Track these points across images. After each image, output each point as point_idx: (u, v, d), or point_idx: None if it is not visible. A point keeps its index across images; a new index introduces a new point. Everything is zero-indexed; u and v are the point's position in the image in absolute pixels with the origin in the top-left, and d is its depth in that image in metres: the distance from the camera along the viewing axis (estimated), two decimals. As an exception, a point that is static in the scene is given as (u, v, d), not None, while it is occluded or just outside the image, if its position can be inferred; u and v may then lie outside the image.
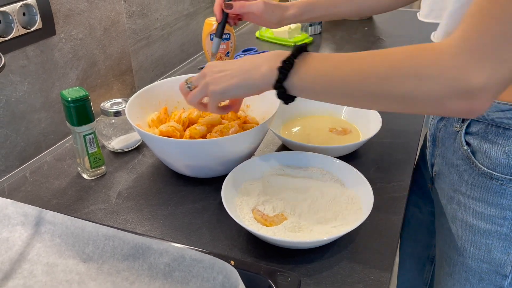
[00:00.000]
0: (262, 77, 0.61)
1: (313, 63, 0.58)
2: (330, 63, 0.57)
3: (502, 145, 0.62)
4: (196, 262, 0.51)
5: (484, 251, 0.68)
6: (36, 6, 0.79)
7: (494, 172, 0.64)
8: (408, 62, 0.50)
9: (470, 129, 0.67)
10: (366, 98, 0.55)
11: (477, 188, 0.67)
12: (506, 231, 0.65)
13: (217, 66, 0.67)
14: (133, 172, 0.82)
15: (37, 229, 0.58)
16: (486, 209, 0.66)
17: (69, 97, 0.72)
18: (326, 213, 0.67)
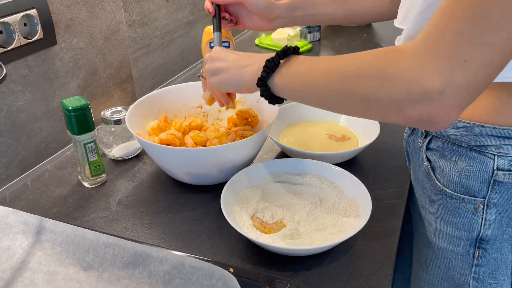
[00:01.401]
0: (251, 76, 0.62)
1: (295, 63, 0.58)
2: (306, 64, 0.57)
3: (456, 162, 0.62)
4: (195, 270, 0.52)
5: (443, 269, 0.67)
6: (37, 17, 0.80)
7: (448, 190, 0.63)
8: (372, 63, 0.49)
9: (431, 145, 0.66)
10: (331, 98, 0.54)
11: (436, 205, 0.67)
12: (461, 251, 0.64)
13: (218, 53, 0.68)
14: (133, 180, 0.82)
15: (38, 238, 0.59)
16: (443, 227, 0.66)
17: (70, 106, 0.72)
18: (324, 220, 0.67)
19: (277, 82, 0.59)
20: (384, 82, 0.47)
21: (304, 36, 1.50)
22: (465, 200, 0.62)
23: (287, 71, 0.58)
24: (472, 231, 0.63)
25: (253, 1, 0.80)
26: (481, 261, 0.63)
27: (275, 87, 0.60)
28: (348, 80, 0.51)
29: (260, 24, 0.84)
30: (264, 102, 0.86)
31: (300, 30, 1.48)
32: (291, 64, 0.58)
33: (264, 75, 0.59)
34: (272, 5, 0.81)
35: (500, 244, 0.62)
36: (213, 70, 0.67)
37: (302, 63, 0.58)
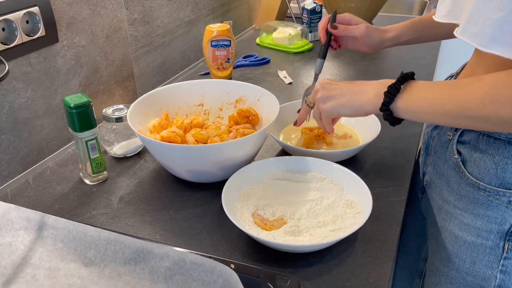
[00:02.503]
0: (369, 101, 0.66)
1: (417, 89, 0.62)
2: (431, 90, 0.60)
3: (492, 155, 0.63)
4: (196, 266, 0.52)
5: (469, 263, 0.68)
6: (39, 14, 0.80)
7: (482, 183, 0.64)
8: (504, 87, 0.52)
9: (463, 138, 0.67)
10: (465, 121, 0.58)
11: (464, 199, 0.67)
12: (491, 244, 0.65)
13: (330, 83, 0.73)
14: (134, 177, 0.83)
15: (39, 234, 0.59)
16: (472, 220, 0.66)
17: (72, 103, 0.73)
18: (325, 217, 0.67)
19: (401, 106, 0.63)
20: None
21: (305, 35, 1.50)
22: (499, 193, 0.63)
23: (410, 96, 0.62)
24: (504, 224, 0.63)
25: (369, 38, 0.90)
26: (510, 254, 0.64)
27: (398, 111, 0.63)
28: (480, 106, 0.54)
29: (364, 49, 0.93)
30: (265, 101, 0.87)
31: (301, 30, 1.48)
32: (413, 89, 0.62)
33: (388, 100, 0.63)
34: (382, 39, 0.91)
35: None
36: (326, 97, 0.72)
37: (425, 88, 0.61)
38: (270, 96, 0.85)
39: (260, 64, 1.36)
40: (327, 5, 1.68)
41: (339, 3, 1.63)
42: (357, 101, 0.68)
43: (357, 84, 0.70)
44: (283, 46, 1.47)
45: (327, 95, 0.72)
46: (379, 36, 0.90)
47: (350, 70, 1.30)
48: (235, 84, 0.92)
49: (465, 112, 0.56)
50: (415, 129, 0.96)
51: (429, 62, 1.33)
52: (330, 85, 0.72)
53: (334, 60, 1.38)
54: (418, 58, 1.35)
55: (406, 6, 2.27)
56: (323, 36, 0.90)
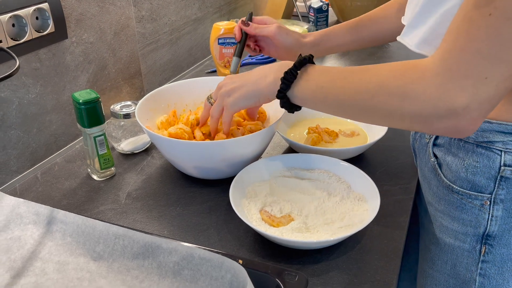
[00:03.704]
0: (268, 87, 0.64)
1: (313, 75, 0.60)
2: (327, 77, 0.59)
3: (462, 158, 0.62)
4: (204, 261, 0.52)
5: (450, 265, 0.68)
6: (49, 10, 0.81)
7: (455, 186, 0.64)
8: (393, 81, 0.52)
9: (438, 141, 0.67)
10: (357, 112, 0.57)
11: (442, 201, 0.67)
12: (468, 247, 0.65)
13: (232, 78, 0.70)
14: (142, 174, 0.83)
15: (48, 228, 0.59)
16: (450, 223, 0.66)
17: (80, 99, 0.73)
18: (333, 214, 0.67)
19: (298, 94, 0.61)
20: (408, 100, 0.50)
21: (312, 33, 1.49)
22: (471, 196, 0.62)
23: (306, 83, 0.60)
24: (479, 227, 0.63)
25: (280, 38, 0.84)
26: (487, 258, 0.63)
27: (295, 98, 0.62)
28: (371, 97, 0.53)
29: (284, 56, 0.88)
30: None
31: (308, 28, 1.48)
32: (310, 75, 0.60)
33: (284, 87, 0.61)
34: (299, 43, 0.86)
35: (507, 240, 0.62)
36: (228, 91, 0.69)
37: (322, 75, 0.59)
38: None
39: (267, 62, 1.36)
40: (333, 4, 1.67)
41: (346, 2, 1.63)
42: (256, 88, 0.65)
43: (257, 70, 0.67)
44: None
45: (228, 89, 0.69)
46: (294, 38, 0.85)
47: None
48: (242, 82, 0.92)
49: (357, 103, 0.55)
50: (422, 127, 0.96)
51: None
52: (232, 79, 0.70)
53: (339, 60, 1.38)
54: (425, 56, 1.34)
55: (413, 5, 2.25)
56: (237, 33, 0.87)
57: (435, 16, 0.55)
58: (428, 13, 0.56)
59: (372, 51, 1.41)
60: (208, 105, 0.75)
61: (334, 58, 1.37)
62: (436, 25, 0.55)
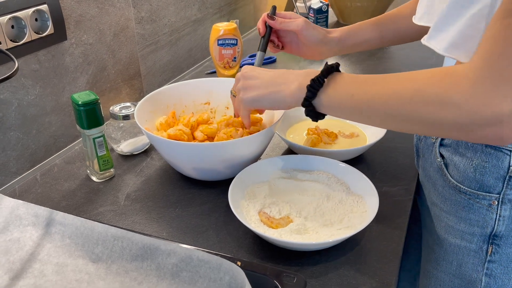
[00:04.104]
0: (292, 94, 0.62)
1: (341, 83, 0.58)
2: (356, 85, 0.57)
3: (471, 158, 0.62)
4: (203, 263, 0.52)
5: (455, 266, 0.67)
6: (48, 12, 0.81)
7: (462, 186, 0.63)
8: (430, 88, 0.50)
9: (445, 141, 0.66)
10: (390, 120, 0.55)
11: (448, 202, 0.67)
12: (475, 247, 0.65)
13: (251, 71, 0.68)
14: (141, 175, 0.83)
15: (47, 230, 0.59)
16: (456, 223, 0.66)
17: (80, 101, 0.73)
18: (331, 216, 0.67)
19: (324, 102, 0.59)
20: (447, 108, 0.48)
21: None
22: (479, 196, 0.62)
23: (334, 92, 0.58)
24: (486, 227, 0.63)
25: (307, 33, 0.81)
26: (494, 257, 0.64)
27: (322, 107, 0.60)
28: (407, 105, 0.51)
29: (308, 53, 0.86)
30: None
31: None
32: (338, 83, 0.58)
33: (310, 95, 0.59)
34: (325, 39, 0.83)
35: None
36: (246, 87, 0.67)
37: (350, 83, 0.58)
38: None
39: (266, 63, 1.36)
40: (333, 5, 1.68)
41: (346, 2, 1.63)
42: (279, 94, 0.64)
43: (281, 74, 0.65)
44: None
45: (247, 85, 0.67)
46: (321, 33, 0.82)
47: (357, 70, 1.30)
48: (241, 83, 0.92)
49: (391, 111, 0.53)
50: (421, 128, 0.96)
51: (436, 62, 1.33)
52: (251, 74, 0.67)
53: (340, 59, 1.38)
54: (425, 57, 1.34)
55: (413, 5, 2.26)
56: (261, 27, 0.84)
57: (463, 19, 0.54)
58: (455, 16, 0.54)
59: (373, 51, 1.41)
60: (233, 98, 0.74)
61: (334, 58, 1.37)
62: (465, 28, 0.54)
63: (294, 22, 0.81)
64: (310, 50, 0.84)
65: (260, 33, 0.85)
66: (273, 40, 0.86)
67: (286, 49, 0.88)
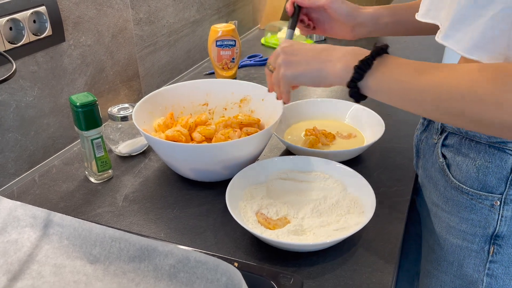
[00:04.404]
0: (336, 73, 0.60)
1: (391, 66, 0.56)
2: (408, 70, 0.55)
3: (474, 158, 0.62)
4: (200, 264, 0.52)
5: (456, 266, 0.68)
6: (46, 14, 0.81)
7: (465, 186, 0.63)
8: (485, 86, 0.48)
9: (447, 141, 0.66)
10: (439, 113, 0.53)
11: (450, 202, 0.67)
12: (476, 247, 0.65)
13: (292, 46, 0.65)
14: (139, 176, 0.83)
15: (45, 231, 0.59)
16: (457, 224, 0.66)
17: (78, 102, 0.73)
18: (329, 216, 0.68)
19: (371, 85, 0.57)
20: (504, 109, 0.47)
21: (309, 35, 1.50)
22: (481, 197, 0.62)
23: (382, 75, 0.56)
24: (488, 228, 0.63)
25: (336, 6, 0.78)
26: (495, 258, 0.64)
27: (367, 89, 0.57)
28: (459, 100, 0.50)
29: (340, 31, 0.83)
30: (269, 101, 0.87)
31: (306, 30, 1.49)
32: (387, 66, 0.56)
33: (357, 76, 0.57)
34: (356, 12, 0.80)
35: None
36: (287, 63, 0.64)
37: (401, 67, 0.56)
38: (275, 96, 0.85)
39: (265, 64, 1.36)
40: (332, 5, 1.67)
41: (344, 3, 1.63)
42: (322, 71, 0.61)
43: (324, 49, 0.62)
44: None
45: (288, 60, 0.64)
46: (350, 6, 0.79)
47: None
48: (239, 84, 0.92)
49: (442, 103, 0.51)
50: (419, 129, 0.96)
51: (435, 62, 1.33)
52: (292, 49, 0.64)
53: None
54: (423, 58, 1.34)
55: (411, 6, 2.26)
56: (289, 7, 0.82)
57: (483, 20, 0.52)
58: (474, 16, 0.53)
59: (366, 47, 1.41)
60: (269, 73, 0.70)
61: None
62: (486, 30, 0.52)
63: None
64: (342, 27, 0.82)
65: (288, 13, 0.82)
66: (303, 20, 0.84)
67: (317, 29, 0.86)
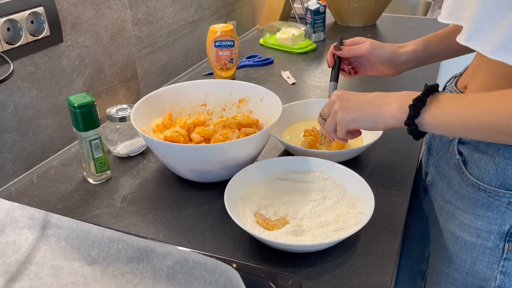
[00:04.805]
0: (392, 114, 0.64)
1: (444, 102, 0.60)
2: (462, 103, 0.58)
3: (492, 155, 0.62)
4: (198, 265, 0.52)
5: (469, 264, 0.68)
6: (44, 14, 0.81)
7: (482, 183, 0.64)
8: None
9: (464, 138, 0.67)
10: (501, 136, 0.56)
11: (465, 199, 0.67)
12: (491, 245, 0.65)
13: (345, 94, 0.70)
14: (137, 177, 0.83)
15: (43, 232, 0.59)
16: (472, 221, 0.66)
17: (76, 103, 0.73)
18: (327, 217, 0.67)
19: (428, 121, 0.60)
20: None
21: (308, 36, 1.50)
22: (499, 194, 0.62)
23: (437, 110, 0.60)
24: (504, 225, 0.63)
25: (376, 54, 0.83)
26: (510, 255, 0.64)
27: (425, 125, 0.61)
28: None
29: (383, 71, 0.87)
30: (268, 101, 0.87)
31: (305, 30, 1.49)
32: (440, 102, 0.60)
33: (414, 114, 0.61)
34: (396, 55, 0.84)
35: None
36: (344, 108, 0.68)
37: (454, 101, 0.59)
38: (273, 96, 0.86)
39: (264, 65, 1.36)
40: (331, 6, 1.68)
41: (343, 3, 1.63)
42: (378, 114, 0.65)
43: (377, 96, 0.67)
44: (286, 47, 1.47)
45: (345, 105, 0.69)
46: (389, 50, 0.84)
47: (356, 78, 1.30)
48: (238, 84, 0.92)
49: (501, 128, 0.54)
50: (418, 129, 0.96)
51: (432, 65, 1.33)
52: (347, 96, 0.70)
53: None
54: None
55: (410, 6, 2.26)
56: (330, 59, 0.88)
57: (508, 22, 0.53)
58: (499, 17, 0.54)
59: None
60: (322, 121, 0.75)
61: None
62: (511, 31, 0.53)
63: (361, 46, 0.84)
64: (384, 68, 0.86)
65: (329, 65, 0.88)
66: (344, 68, 0.90)
67: (360, 73, 0.91)
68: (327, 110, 0.73)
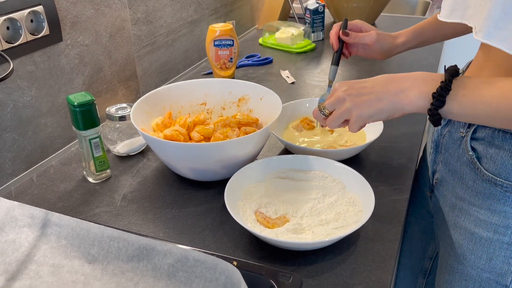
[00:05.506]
0: (412, 102, 0.60)
1: (471, 89, 0.56)
2: (493, 91, 0.55)
3: (509, 150, 0.62)
4: (199, 263, 0.52)
5: (485, 259, 0.67)
6: (44, 13, 0.81)
7: (499, 178, 0.63)
8: None
9: (476, 134, 0.66)
10: None
11: (480, 195, 0.66)
12: (508, 240, 0.65)
13: (354, 88, 0.64)
14: (137, 176, 0.83)
15: (43, 231, 0.59)
16: (488, 216, 0.66)
17: (75, 102, 0.73)
18: (327, 215, 0.68)
19: (454, 109, 0.57)
20: None
21: (307, 35, 1.50)
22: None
23: (464, 98, 0.56)
24: None
25: (381, 44, 0.89)
26: None
27: (450, 114, 0.58)
28: None
29: (376, 56, 0.93)
30: (267, 100, 0.87)
31: (304, 30, 1.49)
32: (467, 89, 0.56)
33: (439, 104, 0.57)
34: (394, 45, 0.91)
35: None
36: (358, 105, 0.63)
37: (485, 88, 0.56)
38: (273, 95, 0.86)
39: (263, 64, 1.36)
40: (329, 5, 1.68)
41: (342, 3, 1.63)
42: (396, 103, 0.61)
43: (388, 81, 0.62)
44: (285, 46, 1.47)
45: (359, 103, 0.63)
46: (390, 42, 0.90)
47: (353, 70, 1.30)
48: (237, 83, 0.92)
49: None
50: (418, 128, 0.96)
51: (432, 62, 1.33)
52: (356, 91, 0.64)
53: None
54: (421, 58, 1.35)
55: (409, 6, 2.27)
56: (335, 43, 0.89)
57: None
58: None
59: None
60: (321, 117, 0.69)
61: (330, 59, 1.37)
62: None
63: (368, 36, 0.89)
64: (377, 54, 0.92)
65: (333, 48, 0.90)
66: (344, 53, 0.92)
67: (352, 53, 0.94)
68: (330, 106, 0.67)
